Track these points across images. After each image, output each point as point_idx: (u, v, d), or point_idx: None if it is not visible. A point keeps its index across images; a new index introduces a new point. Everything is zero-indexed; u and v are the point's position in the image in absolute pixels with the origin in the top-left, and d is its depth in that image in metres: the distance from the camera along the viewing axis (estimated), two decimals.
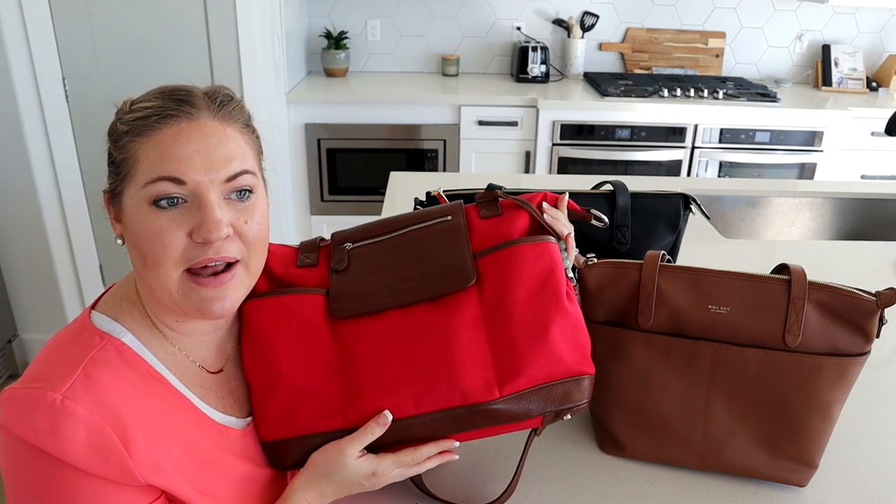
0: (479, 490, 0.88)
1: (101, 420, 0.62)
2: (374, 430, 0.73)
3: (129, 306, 0.73)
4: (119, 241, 0.72)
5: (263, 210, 0.74)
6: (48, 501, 0.63)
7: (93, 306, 0.73)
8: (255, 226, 0.71)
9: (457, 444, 0.77)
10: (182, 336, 0.75)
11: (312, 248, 0.85)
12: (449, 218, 0.82)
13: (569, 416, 0.77)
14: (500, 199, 0.82)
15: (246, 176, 0.71)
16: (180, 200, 0.67)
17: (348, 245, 0.83)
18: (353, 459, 0.74)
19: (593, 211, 0.88)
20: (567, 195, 0.86)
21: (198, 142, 0.68)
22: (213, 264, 0.69)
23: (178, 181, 0.67)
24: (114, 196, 0.71)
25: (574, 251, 0.84)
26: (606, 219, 0.88)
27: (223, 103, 0.72)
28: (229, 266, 0.70)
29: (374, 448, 0.75)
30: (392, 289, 0.78)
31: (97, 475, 0.63)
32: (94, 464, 0.62)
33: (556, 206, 0.85)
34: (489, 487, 0.88)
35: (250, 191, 0.72)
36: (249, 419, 0.79)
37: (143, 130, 0.67)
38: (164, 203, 0.67)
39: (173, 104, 0.68)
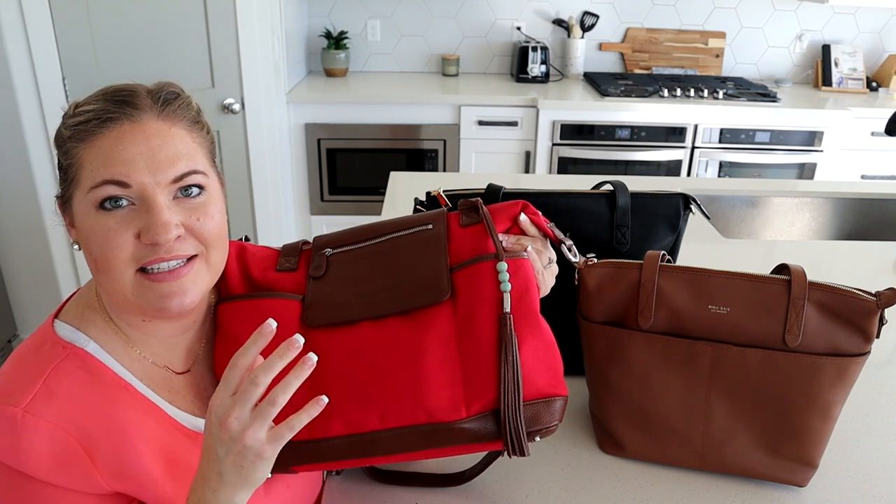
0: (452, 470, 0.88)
1: (64, 432, 0.62)
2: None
3: (92, 313, 0.71)
4: (76, 247, 0.71)
5: (218, 206, 0.72)
6: None
7: (56, 315, 0.72)
8: (209, 222, 0.70)
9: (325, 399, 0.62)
10: (149, 338, 0.73)
11: (294, 251, 0.83)
12: (430, 227, 0.80)
13: (538, 439, 0.73)
14: (480, 206, 0.80)
15: (194, 175, 0.69)
16: (126, 202, 0.66)
17: (328, 251, 0.81)
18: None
19: (567, 241, 0.86)
20: (541, 215, 0.84)
21: (141, 144, 0.66)
22: (165, 265, 0.67)
23: (122, 184, 0.65)
24: (65, 202, 0.69)
25: (540, 264, 0.81)
26: (577, 254, 0.87)
27: (167, 101, 0.70)
28: (188, 260, 0.69)
29: (337, 455, 0.71)
30: (366, 299, 0.76)
31: (62, 486, 0.62)
32: (59, 476, 0.62)
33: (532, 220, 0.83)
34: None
35: (201, 188, 0.70)
36: None
37: (84, 136, 0.66)
38: (109, 205, 0.65)
39: (114, 106, 0.67)
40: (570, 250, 0.86)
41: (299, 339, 0.60)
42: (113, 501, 0.66)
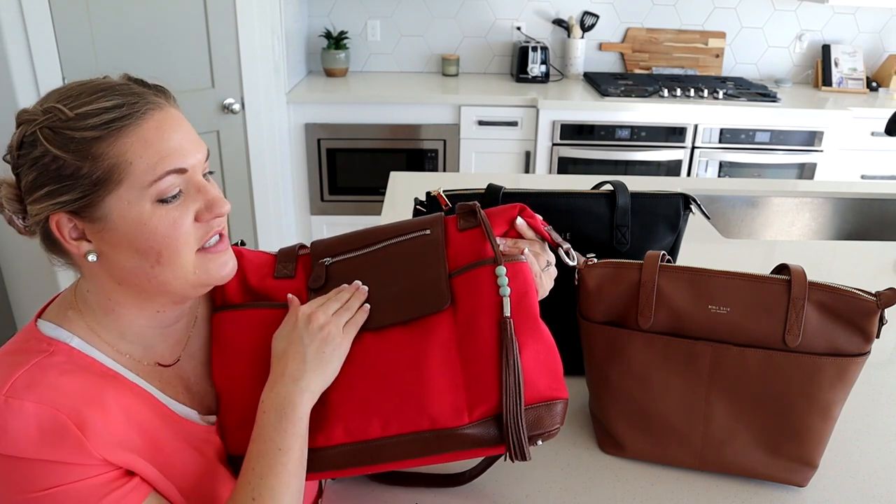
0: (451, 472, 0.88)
1: (52, 408, 0.61)
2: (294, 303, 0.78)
3: (75, 315, 0.71)
4: (92, 258, 0.68)
5: None
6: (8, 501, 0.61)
7: (39, 315, 0.72)
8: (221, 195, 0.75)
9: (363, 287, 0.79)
10: (144, 337, 0.74)
11: (291, 257, 0.83)
12: (427, 232, 0.80)
13: (540, 443, 0.73)
14: (478, 210, 0.80)
15: (208, 155, 0.74)
16: (181, 189, 0.68)
17: (327, 260, 0.82)
18: (284, 320, 0.77)
19: (564, 245, 0.86)
20: (538, 218, 0.84)
21: (177, 129, 0.68)
22: (217, 237, 0.73)
23: (181, 171, 0.68)
24: (80, 211, 0.65)
25: (538, 267, 0.81)
26: (575, 257, 0.87)
27: (160, 88, 0.72)
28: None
29: (340, 464, 0.73)
30: (368, 315, 0.77)
31: (54, 461, 0.61)
32: (50, 450, 0.61)
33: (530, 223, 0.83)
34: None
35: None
36: (212, 418, 0.78)
37: (126, 131, 0.65)
38: (169, 197, 0.67)
39: (137, 98, 0.67)
40: (567, 254, 0.86)
41: (358, 282, 0.78)
42: (107, 467, 0.65)
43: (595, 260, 0.88)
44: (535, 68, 3.16)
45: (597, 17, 3.28)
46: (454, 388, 0.72)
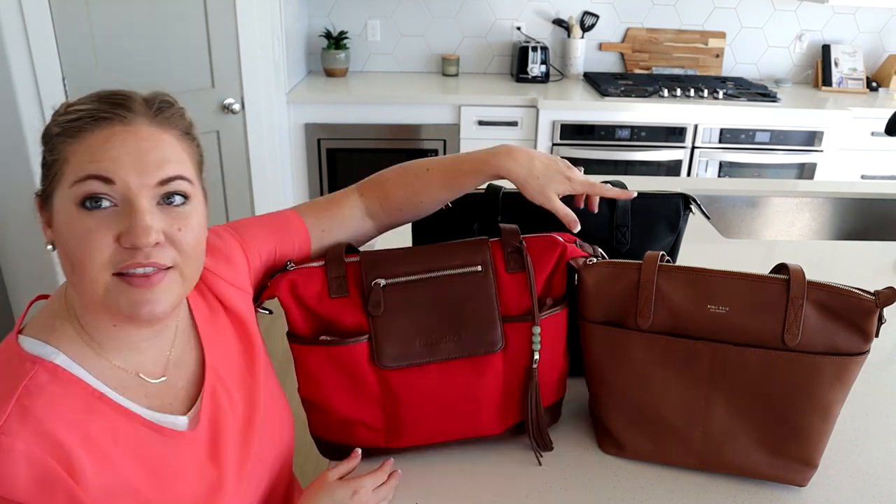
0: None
1: (42, 452, 0.60)
2: (352, 463, 0.90)
3: (63, 323, 0.69)
4: (50, 248, 0.69)
5: (199, 219, 0.71)
6: None
7: (19, 329, 0.70)
8: (189, 234, 0.69)
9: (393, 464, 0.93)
10: (120, 344, 0.71)
11: (338, 262, 0.88)
12: (479, 269, 0.88)
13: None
14: (525, 255, 0.88)
15: (180, 182, 0.68)
16: (109, 203, 0.65)
17: (381, 282, 0.87)
18: (335, 484, 0.86)
19: (596, 252, 0.93)
20: (576, 248, 0.91)
21: (131, 144, 0.66)
22: (142, 270, 0.66)
23: (106, 180, 0.64)
24: (45, 200, 0.68)
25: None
26: (602, 255, 0.93)
27: (161, 108, 0.70)
28: (165, 270, 0.68)
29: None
30: (430, 346, 0.88)
31: None
32: (41, 498, 0.60)
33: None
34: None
35: (185, 197, 0.69)
36: (193, 412, 0.76)
37: (74, 133, 0.66)
38: (90, 204, 0.64)
39: (108, 107, 0.67)
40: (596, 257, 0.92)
41: (390, 461, 0.92)
42: None
43: (595, 260, 0.88)
44: (535, 68, 3.16)
45: (597, 17, 3.28)
46: (497, 412, 0.91)
